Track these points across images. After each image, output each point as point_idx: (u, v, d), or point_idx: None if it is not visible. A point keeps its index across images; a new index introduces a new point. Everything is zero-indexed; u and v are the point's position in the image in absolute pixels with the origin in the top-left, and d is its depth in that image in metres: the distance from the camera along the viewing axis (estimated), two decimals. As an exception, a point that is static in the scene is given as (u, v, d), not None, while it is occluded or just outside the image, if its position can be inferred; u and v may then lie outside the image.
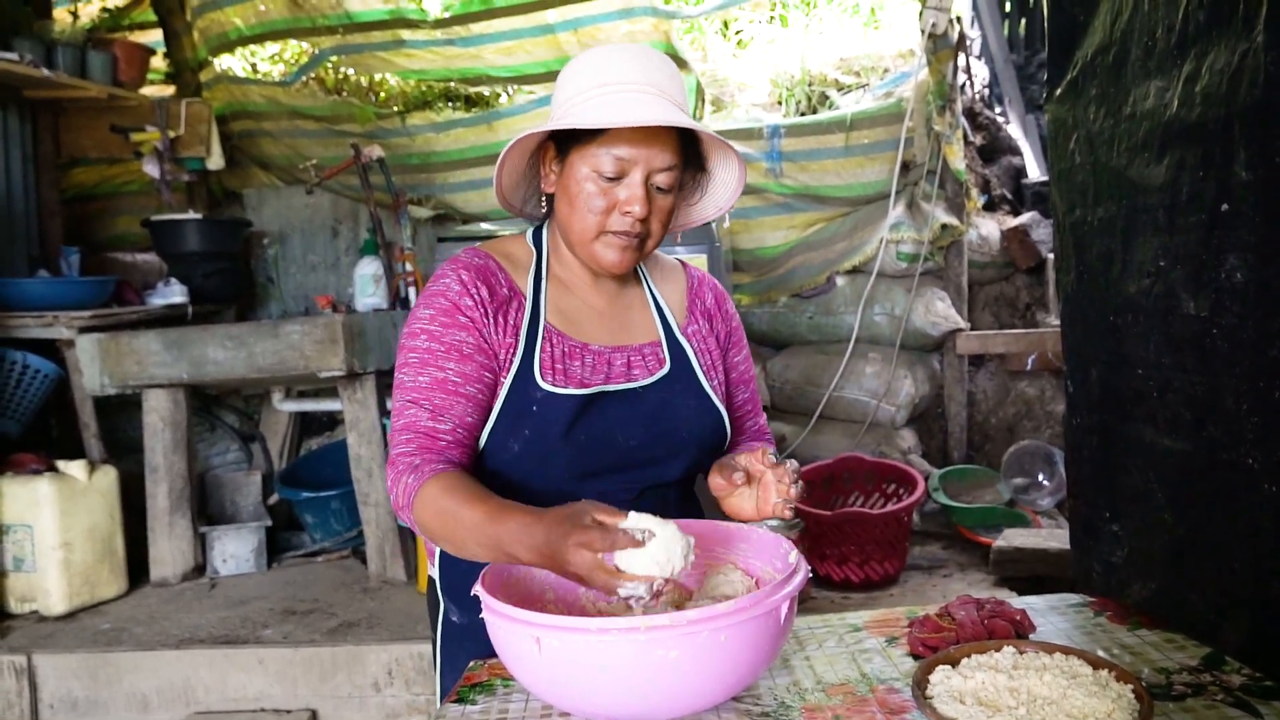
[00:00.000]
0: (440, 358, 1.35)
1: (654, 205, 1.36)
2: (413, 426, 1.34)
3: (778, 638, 1.10)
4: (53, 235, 4.19)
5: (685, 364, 1.48)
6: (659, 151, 1.33)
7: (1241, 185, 1.31)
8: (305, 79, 4.65)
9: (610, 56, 1.37)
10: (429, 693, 2.84)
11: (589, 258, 1.40)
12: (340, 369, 3.27)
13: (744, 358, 1.60)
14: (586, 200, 1.35)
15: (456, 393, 1.35)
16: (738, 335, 1.60)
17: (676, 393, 1.45)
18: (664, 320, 1.51)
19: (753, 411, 1.62)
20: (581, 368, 1.41)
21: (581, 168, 1.34)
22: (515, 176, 1.46)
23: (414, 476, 1.28)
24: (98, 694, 2.91)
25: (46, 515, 3.20)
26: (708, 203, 1.51)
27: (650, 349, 1.47)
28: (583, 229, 1.37)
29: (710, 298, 1.59)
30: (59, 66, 3.86)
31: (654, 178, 1.34)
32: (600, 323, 1.47)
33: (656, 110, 1.30)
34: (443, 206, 4.50)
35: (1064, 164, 1.85)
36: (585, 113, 1.32)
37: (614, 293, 1.50)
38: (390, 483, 1.33)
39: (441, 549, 1.36)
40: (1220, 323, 1.39)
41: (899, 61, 4.41)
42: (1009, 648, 1.13)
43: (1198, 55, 1.39)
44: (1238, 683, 1.13)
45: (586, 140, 1.33)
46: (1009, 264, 4.15)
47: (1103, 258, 1.72)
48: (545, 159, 1.42)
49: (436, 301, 1.38)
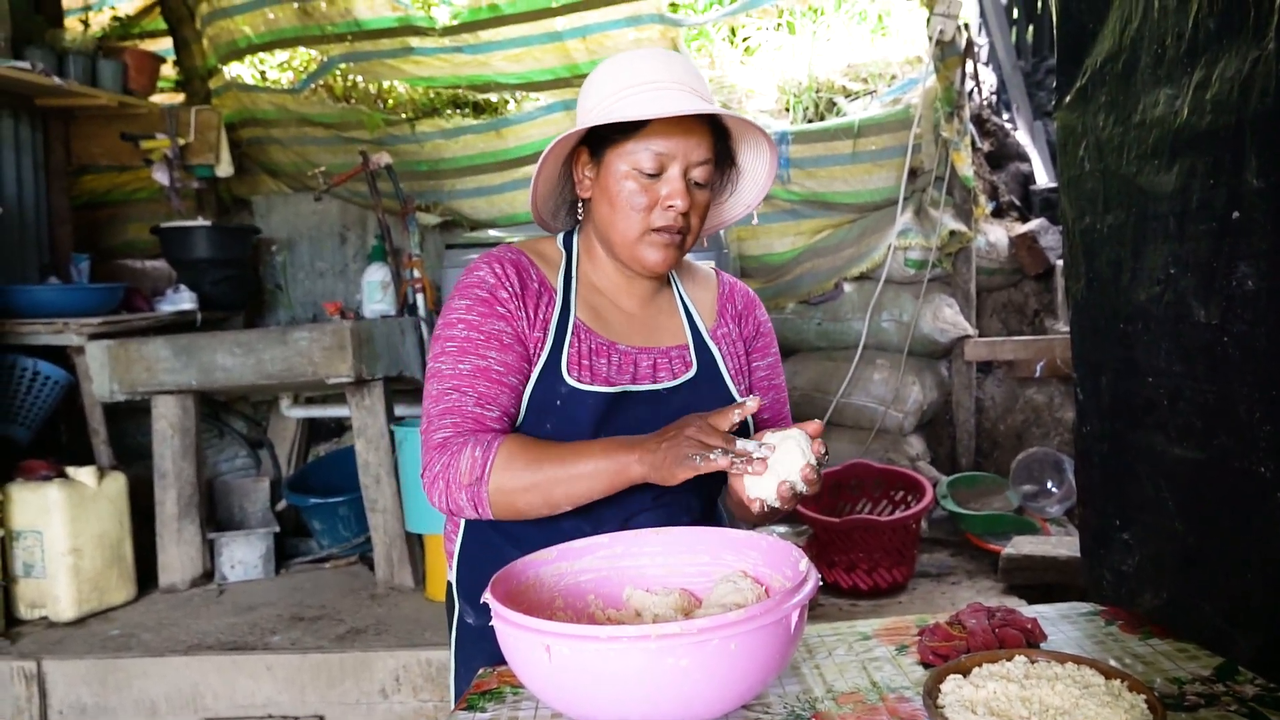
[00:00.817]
0: (481, 346, 1.35)
1: (693, 200, 1.36)
2: (457, 410, 1.33)
3: (788, 646, 1.10)
4: (63, 242, 4.21)
5: (713, 368, 1.48)
6: (696, 144, 1.34)
7: (1253, 193, 1.30)
8: (314, 86, 4.68)
9: (637, 60, 1.38)
10: (437, 699, 2.84)
11: (632, 259, 1.40)
12: (348, 375, 3.28)
13: (769, 363, 1.59)
14: (629, 198, 1.35)
15: (500, 381, 1.35)
16: (765, 340, 1.59)
17: (702, 396, 1.44)
18: (693, 324, 1.51)
19: (772, 420, 1.58)
20: (608, 366, 1.41)
21: (620, 166, 1.35)
22: (550, 185, 1.46)
23: (480, 449, 1.29)
24: (107, 700, 2.92)
25: (56, 521, 3.21)
26: (736, 201, 1.52)
27: (678, 352, 1.47)
28: (626, 228, 1.37)
29: (741, 302, 1.58)
30: (70, 75, 3.88)
31: (691, 172, 1.35)
32: (629, 324, 1.47)
33: (689, 102, 1.31)
34: (450, 213, 4.51)
35: (1073, 171, 1.85)
36: (623, 109, 1.32)
37: (645, 297, 1.49)
38: (444, 465, 1.30)
39: (516, 516, 1.34)
40: (1231, 330, 1.38)
41: (906, 68, 4.41)
42: (1021, 657, 1.12)
43: (1208, 62, 1.38)
44: (1251, 693, 1.12)
45: (622, 139, 1.34)
46: (1017, 270, 4.15)
47: (1112, 265, 1.72)
48: (578, 165, 1.42)
49: (473, 292, 1.39)
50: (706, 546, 1.35)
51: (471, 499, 1.29)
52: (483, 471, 1.27)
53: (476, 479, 1.28)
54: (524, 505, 1.29)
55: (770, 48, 4.79)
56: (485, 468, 1.27)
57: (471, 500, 1.29)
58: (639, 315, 1.49)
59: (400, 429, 3.33)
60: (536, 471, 1.27)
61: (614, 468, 1.24)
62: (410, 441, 3.29)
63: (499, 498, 1.28)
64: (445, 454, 1.30)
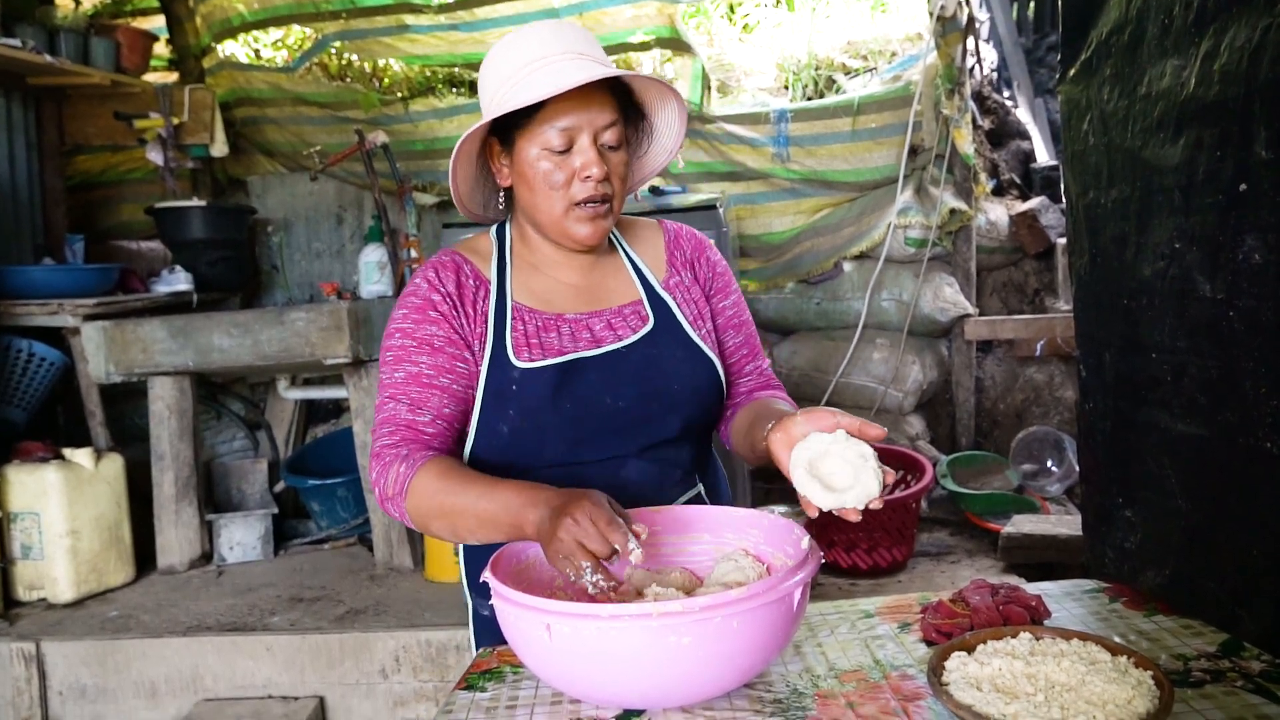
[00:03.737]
0: (413, 353, 1.38)
1: (609, 164, 1.36)
2: (393, 420, 1.37)
3: (790, 624, 1.09)
4: (57, 223, 4.18)
5: (669, 318, 1.48)
6: (598, 111, 1.34)
7: (1261, 165, 1.28)
8: (309, 65, 4.63)
9: (521, 39, 1.38)
10: (437, 679, 2.84)
11: (562, 236, 1.40)
12: (346, 356, 3.26)
13: (732, 302, 1.58)
14: (545, 178, 1.35)
15: (431, 385, 1.37)
16: (723, 280, 1.58)
17: (663, 347, 1.44)
18: (643, 279, 1.50)
19: (750, 355, 1.59)
20: (559, 338, 1.41)
21: (530, 150, 1.35)
22: (470, 183, 1.47)
23: (406, 465, 1.31)
24: (106, 681, 2.92)
25: (54, 503, 3.20)
26: (657, 149, 1.51)
27: (631, 308, 1.47)
28: (549, 208, 1.37)
29: (689, 247, 1.57)
30: (62, 53, 3.84)
31: (601, 137, 1.35)
32: (575, 295, 1.47)
33: (582, 72, 1.31)
34: (447, 193, 4.48)
35: (1077, 145, 1.83)
36: (515, 94, 1.32)
37: (587, 266, 1.49)
38: (376, 475, 1.35)
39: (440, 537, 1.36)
40: (1238, 305, 1.36)
41: (907, 45, 4.37)
42: (1025, 634, 1.11)
43: (1217, 32, 1.36)
44: (1257, 669, 1.11)
45: (526, 122, 1.34)
46: (1017, 249, 4.13)
47: (1116, 240, 1.70)
48: (493, 156, 1.43)
49: (408, 301, 1.42)
50: (708, 525, 1.34)
51: (397, 510, 1.32)
52: (401, 488, 1.30)
53: (397, 494, 1.31)
54: (435, 530, 1.31)
55: (769, 25, 4.75)
56: (404, 485, 1.30)
57: (397, 512, 1.33)
58: (583, 285, 1.48)
59: (398, 410, 3.32)
60: (446, 499, 1.27)
61: (509, 519, 1.23)
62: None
63: (415, 517, 1.31)
64: (380, 463, 1.34)
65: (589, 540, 1.11)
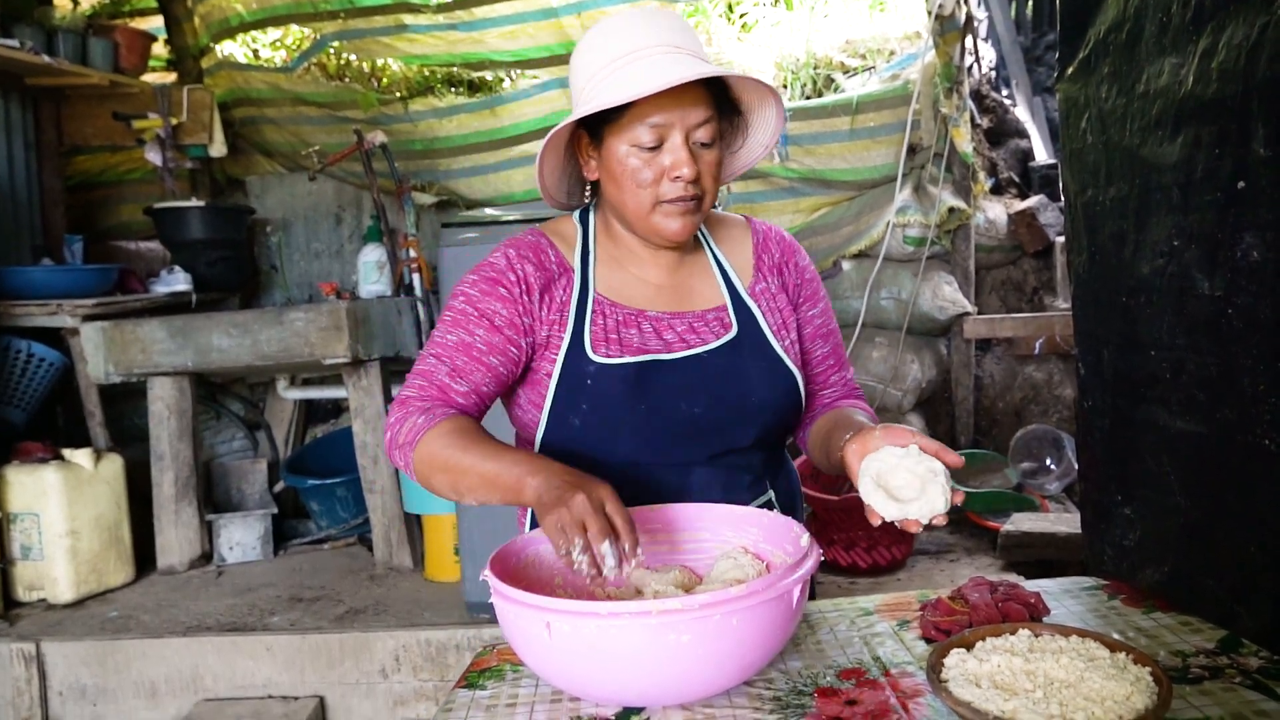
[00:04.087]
0: (473, 322, 1.36)
1: (701, 163, 1.32)
2: (429, 376, 1.35)
3: (789, 622, 1.09)
4: (56, 224, 4.18)
5: (753, 326, 1.43)
6: (691, 108, 1.29)
7: (1259, 162, 1.29)
8: (307, 65, 4.63)
9: (615, 28, 1.33)
10: (436, 679, 2.84)
11: (649, 233, 1.37)
12: (345, 356, 3.26)
13: (820, 310, 1.53)
14: (633, 176, 1.32)
15: (479, 360, 1.36)
16: (811, 287, 1.53)
17: (744, 356, 1.40)
18: (729, 283, 1.46)
19: (836, 366, 1.54)
20: (638, 335, 1.38)
21: (620, 146, 1.32)
22: (556, 174, 1.43)
23: (425, 418, 1.30)
24: (106, 681, 2.92)
25: (53, 504, 3.20)
26: (752, 143, 1.46)
27: (715, 314, 1.43)
28: (637, 205, 1.34)
29: (778, 251, 1.52)
30: (60, 54, 3.84)
31: (694, 135, 1.31)
32: (658, 294, 1.43)
33: (677, 68, 1.26)
34: (446, 192, 4.48)
35: (1075, 143, 1.83)
36: (605, 91, 1.28)
37: (673, 264, 1.45)
38: (394, 420, 1.32)
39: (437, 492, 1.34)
40: (1236, 302, 1.37)
41: (905, 44, 4.37)
42: (1024, 630, 1.11)
43: (1215, 30, 1.36)
44: (1255, 665, 1.11)
45: (616, 118, 1.30)
46: (1016, 248, 4.13)
47: (1115, 238, 1.70)
48: (581, 148, 1.39)
49: (484, 271, 1.40)
50: (707, 523, 1.34)
51: (403, 460, 1.31)
52: (414, 438, 1.29)
53: (408, 443, 1.29)
54: (436, 484, 1.29)
55: (767, 24, 4.74)
56: (417, 436, 1.28)
57: (403, 461, 1.31)
58: (668, 283, 1.44)
59: (398, 409, 3.31)
60: (456, 456, 1.26)
61: (509, 481, 1.21)
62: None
63: (420, 468, 1.29)
64: (400, 410, 1.33)
65: (593, 522, 1.10)
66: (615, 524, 1.12)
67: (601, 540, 1.10)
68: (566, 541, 1.11)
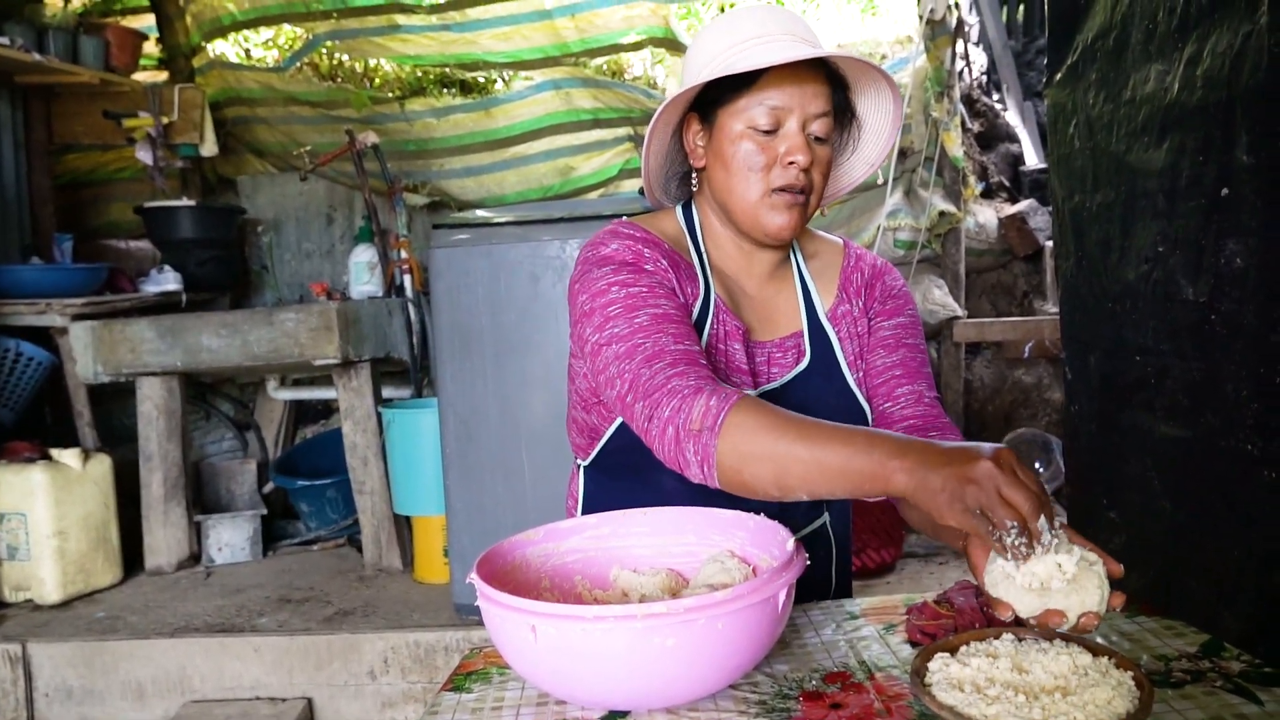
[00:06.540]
0: (648, 298, 1.24)
1: (815, 156, 1.27)
2: (663, 353, 1.19)
3: (775, 625, 1.10)
4: (45, 222, 4.17)
5: (828, 354, 1.39)
6: (812, 96, 1.26)
7: (1243, 169, 1.30)
8: (299, 65, 4.63)
9: (736, 18, 1.30)
10: (425, 680, 2.84)
11: (754, 225, 1.31)
12: (335, 357, 3.26)
13: (896, 324, 1.42)
14: (745, 159, 1.27)
15: (685, 324, 1.24)
16: (895, 302, 1.44)
17: (814, 388, 1.36)
18: (809, 304, 1.41)
19: (905, 376, 1.39)
20: (742, 354, 1.34)
21: (734, 126, 1.27)
22: (660, 158, 1.38)
23: (716, 399, 1.12)
24: (93, 683, 2.91)
25: (41, 504, 3.19)
26: (858, 160, 1.41)
27: (792, 341, 1.39)
28: (745, 190, 1.28)
29: (869, 271, 1.45)
30: (51, 51, 3.83)
31: (811, 125, 1.27)
32: (752, 310, 1.39)
33: (805, 50, 1.23)
34: (438, 193, 4.48)
35: (1063, 149, 1.84)
36: (732, 65, 1.24)
37: (764, 276, 1.40)
38: (672, 409, 1.14)
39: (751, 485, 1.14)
40: (1219, 308, 1.38)
41: (897, 48, 4.39)
42: (1008, 635, 1.12)
43: (1200, 38, 1.37)
44: (1237, 669, 1.12)
45: (734, 97, 1.26)
46: (1006, 252, 4.15)
47: (1102, 244, 1.71)
48: (689, 133, 1.34)
49: (608, 262, 1.29)
50: (694, 526, 1.34)
51: (699, 451, 1.12)
52: (715, 422, 1.11)
53: (708, 428, 1.11)
54: (751, 477, 1.11)
55: (760, 27, 4.76)
56: (719, 419, 1.10)
57: (698, 453, 1.12)
58: (757, 299, 1.40)
59: (387, 410, 3.31)
60: (777, 441, 1.08)
61: (871, 469, 1.03)
62: (398, 423, 3.27)
63: (730, 459, 1.11)
64: (674, 398, 1.15)
65: (1017, 494, 0.96)
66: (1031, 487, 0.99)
67: (1036, 516, 0.96)
68: (998, 525, 0.97)
